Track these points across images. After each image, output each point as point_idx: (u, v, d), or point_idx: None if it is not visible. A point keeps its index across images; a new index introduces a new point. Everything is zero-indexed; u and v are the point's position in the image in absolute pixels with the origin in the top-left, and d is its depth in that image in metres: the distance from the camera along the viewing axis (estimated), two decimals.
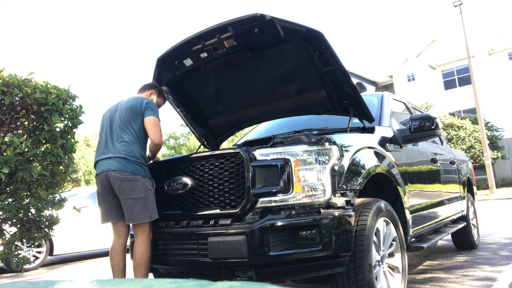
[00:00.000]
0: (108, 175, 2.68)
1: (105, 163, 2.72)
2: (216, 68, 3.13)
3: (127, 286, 0.71)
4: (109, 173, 2.67)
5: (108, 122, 2.88)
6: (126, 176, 2.64)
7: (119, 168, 2.65)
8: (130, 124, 2.77)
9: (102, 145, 2.83)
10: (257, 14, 2.53)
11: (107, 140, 2.80)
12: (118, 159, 2.68)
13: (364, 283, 2.21)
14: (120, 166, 2.66)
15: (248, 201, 2.23)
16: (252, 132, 4.31)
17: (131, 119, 2.77)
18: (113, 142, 2.76)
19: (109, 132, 2.82)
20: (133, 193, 2.61)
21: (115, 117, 2.84)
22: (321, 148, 2.28)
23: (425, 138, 3.33)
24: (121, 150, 2.70)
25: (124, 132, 2.75)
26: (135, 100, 2.85)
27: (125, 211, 2.68)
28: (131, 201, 2.62)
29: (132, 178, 2.64)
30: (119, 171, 2.65)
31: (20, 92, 3.35)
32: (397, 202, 2.89)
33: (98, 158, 2.81)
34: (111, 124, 2.84)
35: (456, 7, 18.03)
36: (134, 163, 2.67)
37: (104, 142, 2.82)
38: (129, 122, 2.77)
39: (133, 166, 2.66)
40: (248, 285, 0.65)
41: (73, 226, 7.17)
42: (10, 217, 3.45)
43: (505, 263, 3.96)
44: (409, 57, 28.71)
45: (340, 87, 2.95)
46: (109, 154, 2.73)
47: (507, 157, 23.58)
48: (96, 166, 2.83)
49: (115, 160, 2.68)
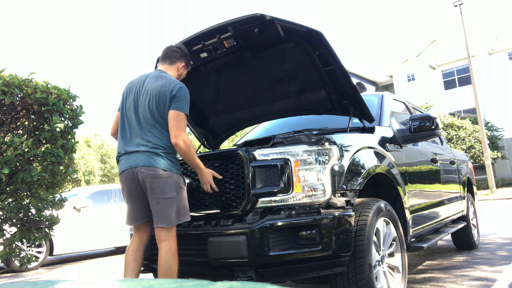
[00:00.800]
0: (136, 172, 2.33)
1: (131, 157, 2.36)
2: (216, 68, 3.13)
3: (127, 286, 0.71)
4: (138, 169, 2.32)
5: (132, 106, 2.45)
6: (158, 173, 2.29)
7: (149, 163, 2.30)
8: (160, 112, 2.36)
9: (126, 135, 2.43)
10: (257, 14, 2.53)
11: (131, 128, 2.42)
12: (147, 153, 2.32)
13: (364, 283, 2.21)
14: (151, 161, 2.30)
15: (248, 202, 2.24)
16: (252, 132, 4.31)
17: (161, 105, 2.36)
18: (139, 133, 2.37)
19: (135, 119, 2.41)
20: (165, 192, 2.29)
21: (141, 101, 2.42)
22: (321, 148, 2.29)
23: (425, 138, 3.33)
24: (150, 142, 2.33)
25: (153, 120, 2.36)
26: (166, 84, 2.39)
27: (155, 212, 2.33)
28: (164, 201, 2.29)
29: (164, 175, 2.30)
30: (149, 167, 2.30)
31: (21, 92, 3.35)
32: (397, 202, 2.89)
33: (122, 150, 2.43)
34: (136, 108, 2.43)
35: (456, 7, 18.04)
36: (165, 157, 2.33)
37: (125, 131, 2.44)
38: (158, 109, 2.36)
39: (164, 161, 2.32)
40: (248, 285, 0.65)
41: (73, 226, 7.17)
42: (11, 217, 3.45)
43: (504, 263, 3.96)
44: (409, 57, 28.71)
45: (340, 87, 2.96)
46: (134, 146, 2.37)
47: (507, 157, 23.58)
48: (119, 160, 2.45)
49: (144, 154, 2.32)
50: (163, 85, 2.38)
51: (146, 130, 2.36)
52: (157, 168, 2.30)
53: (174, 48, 2.62)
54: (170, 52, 2.61)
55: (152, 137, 2.34)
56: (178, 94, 2.36)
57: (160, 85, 2.39)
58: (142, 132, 2.37)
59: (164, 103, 2.35)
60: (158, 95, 2.36)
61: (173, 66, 2.60)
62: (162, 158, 2.32)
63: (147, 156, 2.32)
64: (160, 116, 2.36)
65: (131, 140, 2.40)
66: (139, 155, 2.34)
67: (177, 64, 2.61)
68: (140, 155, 2.33)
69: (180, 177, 2.39)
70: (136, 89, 2.49)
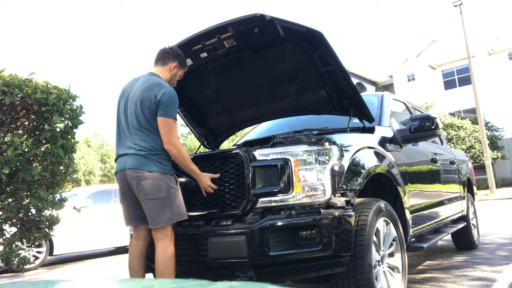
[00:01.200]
0: (126, 174, 2.41)
1: (122, 160, 2.45)
2: (216, 68, 3.13)
3: (127, 286, 0.71)
4: (126, 171, 2.40)
5: (123, 110, 2.53)
6: (143, 175, 2.35)
7: (134, 165, 2.37)
8: (141, 117, 2.41)
9: (119, 139, 2.53)
10: (257, 14, 2.53)
11: (123, 134, 2.50)
12: (134, 156, 2.38)
13: (364, 283, 2.21)
14: (136, 164, 2.37)
15: (248, 202, 2.24)
16: (252, 132, 4.31)
17: (144, 111, 2.41)
18: (128, 136, 2.45)
19: (125, 123, 2.49)
20: (152, 193, 2.33)
21: (129, 105, 2.49)
22: (321, 148, 2.29)
23: (425, 138, 3.33)
24: (137, 146, 2.40)
25: (139, 124, 2.42)
26: (149, 88, 2.42)
27: (146, 213, 2.39)
28: (150, 202, 2.34)
29: (150, 176, 2.34)
30: (134, 169, 2.37)
31: (21, 92, 3.35)
32: (397, 202, 2.89)
33: (117, 153, 2.53)
34: (126, 113, 2.50)
35: (456, 7, 18.04)
36: (151, 159, 2.37)
37: (120, 135, 2.53)
38: (143, 113, 2.41)
39: (150, 163, 2.37)
40: (248, 285, 0.65)
41: (73, 226, 7.17)
42: (11, 217, 3.45)
43: (504, 263, 3.96)
44: (409, 57, 28.72)
45: (340, 87, 2.96)
46: (125, 149, 2.45)
47: (507, 157, 23.58)
48: (116, 162, 2.56)
49: (131, 156, 2.40)
50: (147, 89, 2.43)
51: (134, 133, 2.43)
52: (142, 170, 2.35)
53: (167, 49, 2.65)
54: (163, 53, 2.64)
55: (139, 139, 2.41)
56: (162, 99, 2.39)
57: (144, 89, 2.43)
58: (131, 135, 2.45)
59: (149, 107, 2.40)
60: (142, 99, 2.42)
61: (165, 67, 2.62)
62: (148, 160, 2.37)
63: (133, 159, 2.39)
64: (145, 119, 2.41)
65: (123, 143, 2.48)
66: (128, 158, 2.42)
67: (170, 65, 2.62)
68: (128, 158, 2.41)
69: (171, 177, 2.41)
70: (127, 93, 2.56)
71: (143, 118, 2.41)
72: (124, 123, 2.49)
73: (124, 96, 2.57)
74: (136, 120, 2.43)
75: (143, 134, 2.41)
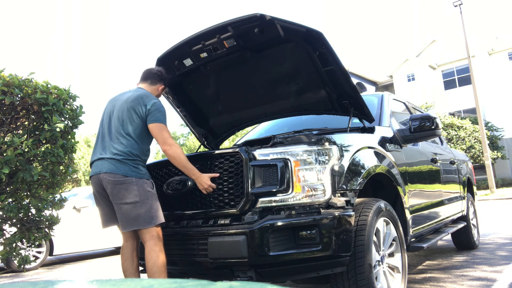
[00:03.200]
0: (101, 178, 2.47)
1: (97, 164, 2.51)
2: (216, 68, 3.13)
3: (127, 286, 0.71)
4: (101, 175, 2.46)
5: (107, 118, 2.63)
6: (118, 179, 2.40)
7: (110, 170, 2.42)
8: (128, 123, 2.51)
9: (97, 144, 2.62)
10: (257, 14, 2.53)
11: (103, 139, 2.58)
12: (110, 160, 2.45)
13: (364, 283, 2.21)
14: (112, 168, 2.43)
15: (247, 201, 2.23)
16: (252, 132, 4.31)
17: (130, 117, 2.51)
18: (108, 141, 2.53)
19: (107, 130, 2.58)
20: (126, 197, 2.39)
21: (115, 112, 2.58)
22: (321, 148, 2.29)
23: (425, 138, 3.33)
24: (114, 150, 2.47)
25: (122, 130, 2.51)
26: (139, 97, 2.55)
27: (119, 217, 2.47)
28: (125, 206, 2.40)
29: (125, 180, 2.40)
30: (110, 174, 2.42)
31: (21, 92, 3.35)
32: (397, 202, 2.89)
33: (92, 158, 2.60)
34: (110, 119, 2.59)
35: (456, 7, 18.04)
36: (127, 164, 2.44)
37: (100, 141, 2.61)
38: (127, 121, 2.52)
39: (126, 167, 2.43)
40: (248, 285, 0.65)
41: (73, 226, 7.17)
42: (11, 217, 3.45)
43: (504, 263, 3.96)
44: (409, 57, 28.72)
45: (340, 87, 2.96)
46: (102, 154, 2.51)
47: (507, 157, 23.58)
48: (91, 166, 2.61)
49: (107, 161, 2.46)
50: (137, 98, 2.55)
51: (115, 137, 2.51)
52: (117, 174, 2.42)
53: (155, 71, 2.80)
54: (152, 74, 2.78)
55: (118, 143, 2.49)
56: (152, 108, 2.51)
57: (135, 98, 2.55)
58: (111, 140, 2.52)
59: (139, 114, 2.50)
60: (132, 107, 2.52)
61: (153, 87, 2.76)
62: (123, 164, 2.44)
63: (109, 163, 2.45)
64: (131, 125, 2.51)
65: (100, 148, 2.56)
66: (103, 162, 2.48)
67: (157, 86, 2.78)
68: (104, 162, 2.48)
69: (147, 181, 2.48)
70: (114, 102, 2.67)
71: (129, 125, 2.51)
72: (107, 128, 2.58)
73: (111, 105, 2.67)
74: (121, 126, 2.52)
75: (124, 139, 2.49)
